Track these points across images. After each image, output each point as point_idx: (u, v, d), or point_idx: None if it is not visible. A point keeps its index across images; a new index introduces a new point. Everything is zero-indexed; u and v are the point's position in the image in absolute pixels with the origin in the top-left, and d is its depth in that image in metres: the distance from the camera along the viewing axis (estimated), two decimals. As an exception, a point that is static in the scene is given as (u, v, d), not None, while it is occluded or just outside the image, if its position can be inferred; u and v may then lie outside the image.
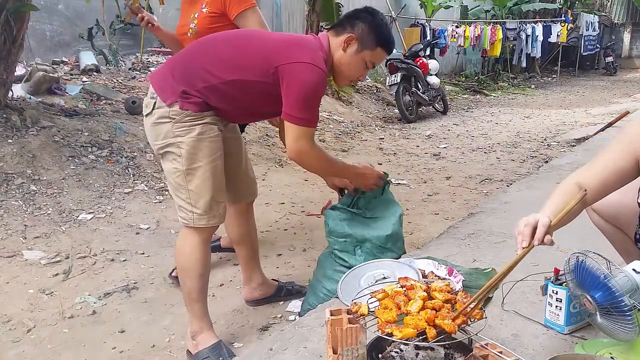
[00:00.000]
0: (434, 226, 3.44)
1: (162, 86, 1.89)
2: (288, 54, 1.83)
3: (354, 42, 1.94)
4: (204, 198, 1.91)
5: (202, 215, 1.92)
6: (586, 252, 1.44)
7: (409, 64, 7.92)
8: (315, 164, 2.02)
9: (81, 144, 4.26)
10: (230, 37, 1.99)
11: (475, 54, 13.16)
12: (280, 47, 1.87)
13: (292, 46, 1.87)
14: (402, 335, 1.30)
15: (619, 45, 19.24)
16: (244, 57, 1.87)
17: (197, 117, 1.87)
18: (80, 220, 3.35)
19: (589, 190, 1.50)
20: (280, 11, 9.70)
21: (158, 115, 1.88)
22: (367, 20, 1.96)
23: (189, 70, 1.88)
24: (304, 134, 1.88)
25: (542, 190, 3.55)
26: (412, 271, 1.90)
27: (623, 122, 6.29)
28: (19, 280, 2.63)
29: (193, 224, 1.93)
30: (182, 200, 1.93)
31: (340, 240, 2.18)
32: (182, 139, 1.86)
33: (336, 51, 1.96)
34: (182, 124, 1.86)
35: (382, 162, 5.49)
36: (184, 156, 1.87)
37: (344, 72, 2.00)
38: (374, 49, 1.97)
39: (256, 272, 2.44)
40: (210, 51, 1.92)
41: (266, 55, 1.85)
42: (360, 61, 1.98)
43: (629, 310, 1.34)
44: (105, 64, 6.80)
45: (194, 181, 1.90)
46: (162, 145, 1.91)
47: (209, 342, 1.99)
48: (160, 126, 1.89)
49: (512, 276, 2.09)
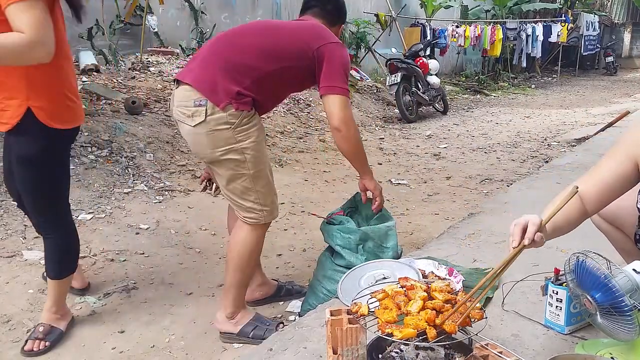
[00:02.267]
0: (434, 226, 3.44)
1: (213, 89, 1.87)
2: (323, 36, 2.03)
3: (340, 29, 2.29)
4: (271, 196, 2.05)
5: (270, 212, 2.05)
6: (586, 252, 1.44)
7: (409, 64, 7.92)
8: (357, 134, 2.12)
9: (81, 143, 4.25)
10: (257, 30, 2.08)
11: (475, 53, 13.16)
12: (312, 31, 2.05)
13: (322, 30, 2.07)
14: (402, 336, 1.30)
15: (619, 45, 19.24)
16: (280, 45, 1.99)
17: (251, 117, 1.93)
18: (80, 220, 3.35)
19: (590, 198, 1.49)
20: (280, 11, 9.71)
21: (214, 122, 1.87)
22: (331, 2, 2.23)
23: (236, 69, 1.91)
24: (348, 103, 2.04)
25: (543, 190, 3.55)
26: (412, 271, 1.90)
27: (623, 122, 6.29)
28: (19, 280, 2.62)
29: (264, 221, 2.05)
30: (251, 202, 2.00)
31: (345, 236, 2.19)
32: (244, 144, 1.92)
33: None
34: (242, 128, 1.90)
35: (382, 162, 5.49)
36: (249, 161, 1.93)
37: None
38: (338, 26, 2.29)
39: (257, 272, 2.44)
40: (246, 47, 1.97)
41: (304, 39, 2.01)
42: None
43: (629, 311, 1.34)
44: (105, 64, 6.79)
45: (260, 182, 1.99)
46: (222, 152, 1.91)
47: (249, 316, 2.14)
48: (218, 133, 1.89)
49: (512, 276, 2.10)
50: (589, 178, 1.53)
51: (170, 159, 4.47)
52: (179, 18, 8.17)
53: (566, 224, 1.49)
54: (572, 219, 1.49)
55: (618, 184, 1.50)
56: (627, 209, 1.65)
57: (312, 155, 5.51)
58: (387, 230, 2.25)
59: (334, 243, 2.23)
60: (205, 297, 2.55)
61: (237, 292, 2.12)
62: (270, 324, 2.14)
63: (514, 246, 1.36)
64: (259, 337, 2.04)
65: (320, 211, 3.78)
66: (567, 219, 1.48)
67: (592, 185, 1.51)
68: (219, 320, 2.15)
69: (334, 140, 2.14)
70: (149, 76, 6.64)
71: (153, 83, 6.40)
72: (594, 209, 1.53)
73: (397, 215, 3.58)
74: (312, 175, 4.74)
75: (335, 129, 2.04)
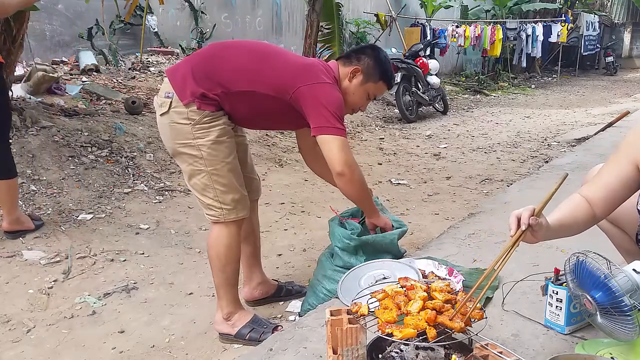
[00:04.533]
0: (434, 226, 3.44)
1: (182, 86, 1.93)
2: (309, 75, 1.96)
3: (360, 74, 2.11)
4: (231, 194, 2.01)
5: (231, 210, 2.02)
6: (586, 252, 1.44)
7: (409, 64, 7.92)
8: (361, 176, 2.06)
9: (81, 143, 4.25)
10: (256, 48, 2.05)
11: (475, 53, 13.16)
12: (301, 68, 1.98)
13: (312, 68, 2.00)
14: (402, 336, 1.30)
15: (619, 45, 19.24)
16: (266, 71, 1.96)
17: (214, 117, 1.94)
18: (80, 220, 3.35)
19: (598, 203, 1.49)
20: (280, 11, 9.71)
21: (176, 115, 1.94)
22: (372, 56, 2.12)
23: (210, 75, 1.94)
24: (346, 144, 1.96)
25: (543, 190, 3.55)
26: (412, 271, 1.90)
27: (623, 122, 6.29)
28: (18, 280, 2.62)
29: (224, 220, 2.03)
30: (210, 199, 2.00)
31: (345, 241, 2.19)
32: (202, 141, 1.94)
33: (343, 81, 2.11)
34: (201, 125, 1.93)
35: (382, 162, 5.49)
36: (205, 158, 1.95)
37: (348, 100, 2.11)
38: (377, 82, 2.14)
39: (257, 271, 2.44)
40: (233, 59, 1.98)
41: (288, 74, 1.96)
42: (363, 92, 2.14)
43: (629, 311, 1.34)
44: (105, 64, 6.80)
45: (220, 180, 1.98)
46: (180, 145, 1.97)
47: (246, 318, 2.12)
48: (179, 126, 1.95)
49: (513, 276, 2.10)
50: (595, 183, 1.54)
51: (170, 159, 4.47)
52: (179, 18, 8.17)
53: (574, 223, 1.49)
54: (579, 220, 1.49)
55: (622, 188, 1.50)
56: (629, 208, 1.65)
57: (312, 155, 5.50)
58: (391, 240, 2.24)
59: (333, 244, 2.24)
60: (205, 297, 2.55)
61: (226, 292, 2.11)
62: (268, 326, 2.13)
63: (512, 234, 1.39)
64: (255, 340, 2.04)
65: (320, 211, 3.79)
66: (574, 217, 1.48)
67: (597, 190, 1.51)
68: (217, 321, 2.15)
69: (337, 185, 2.04)
70: (149, 76, 6.64)
71: (153, 83, 6.40)
72: (602, 214, 1.53)
73: (397, 215, 3.57)
74: (312, 175, 4.72)
75: (338, 174, 1.96)
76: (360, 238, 2.18)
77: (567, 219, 1.47)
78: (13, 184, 2.98)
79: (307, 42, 7.45)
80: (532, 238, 1.41)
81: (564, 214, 1.48)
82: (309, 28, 7.43)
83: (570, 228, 1.49)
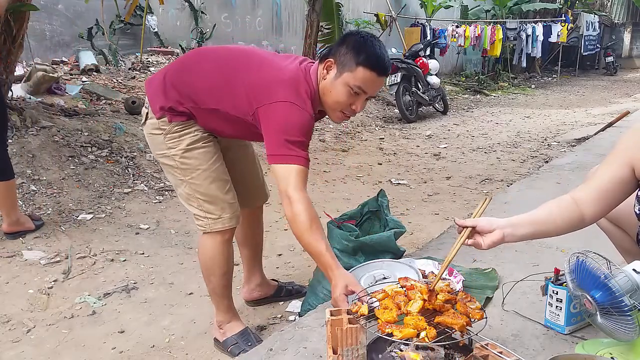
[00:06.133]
0: (434, 226, 3.44)
1: (154, 99, 1.90)
2: (269, 94, 1.73)
3: (333, 66, 1.77)
4: (214, 203, 1.92)
5: (216, 220, 1.93)
6: (586, 252, 1.44)
7: (409, 64, 7.92)
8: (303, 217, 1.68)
9: (81, 143, 4.26)
10: (229, 61, 1.88)
11: (475, 53, 13.16)
12: (263, 85, 1.76)
13: (273, 85, 1.75)
14: (402, 335, 1.30)
15: (619, 45, 19.24)
16: (229, 90, 1.82)
17: (185, 125, 1.88)
18: (80, 220, 3.35)
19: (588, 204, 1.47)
20: (280, 11, 9.71)
21: (150, 125, 1.92)
22: (348, 42, 1.76)
23: (179, 88, 1.86)
24: (295, 173, 1.68)
25: (543, 190, 3.55)
26: (412, 271, 1.90)
27: (623, 122, 6.29)
28: (19, 280, 2.62)
29: (210, 229, 1.94)
30: (195, 208, 1.94)
31: (344, 242, 2.19)
32: (174, 151, 1.89)
33: (320, 82, 1.81)
34: (172, 135, 1.89)
35: (382, 162, 5.49)
36: (180, 167, 1.90)
37: (328, 101, 1.81)
38: (353, 69, 1.73)
39: (256, 272, 2.44)
40: (203, 73, 1.86)
41: (248, 93, 1.77)
42: (342, 86, 1.75)
43: (629, 311, 1.34)
44: (105, 64, 6.80)
45: (200, 189, 1.91)
46: (158, 155, 1.96)
47: (236, 329, 2.08)
48: (154, 137, 1.93)
49: (513, 276, 2.10)
50: (588, 184, 1.52)
51: (170, 159, 4.46)
52: (179, 18, 8.18)
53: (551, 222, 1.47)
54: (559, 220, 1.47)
55: (616, 190, 1.48)
56: (629, 208, 1.65)
57: (312, 155, 5.50)
58: (388, 237, 2.23)
59: (332, 246, 2.23)
60: (206, 297, 2.54)
61: (216, 300, 2.08)
62: (253, 344, 1.98)
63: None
64: (234, 354, 2.01)
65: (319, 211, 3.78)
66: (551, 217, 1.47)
67: (590, 191, 1.49)
68: (214, 325, 2.15)
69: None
70: (149, 76, 6.64)
71: (153, 83, 6.40)
72: (593, 215, 1.50)
73: (397, 215, 3.57)
74: (312, 175, 4.73)
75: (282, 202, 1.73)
76: (358, 239, 2.18)
77: (541, 218, 1.47)
78: (11, 185, 2.99)
79: (307, 42, 7.45)
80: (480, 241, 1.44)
81: (538, 213, 1.48)
82: (309, 28, 7.43)
83: (546, 230, 1.48)
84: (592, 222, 1.54)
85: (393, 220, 2.36)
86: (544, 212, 1.48)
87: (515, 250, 2.41)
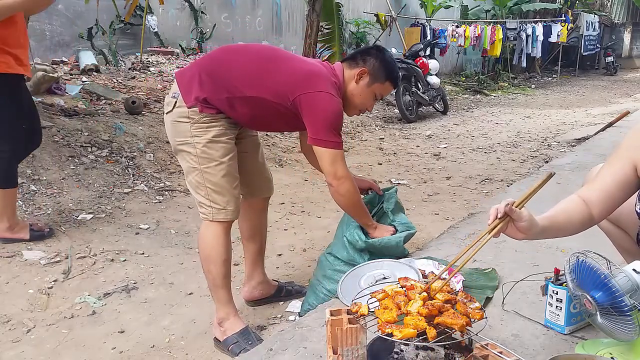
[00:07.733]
0: (434, 226, 3.44)
1: (187, 89, 2.01)
2: (310, 83, 1.98)
3: (366, 75, 2.13)
4: (221, 194, 2.04)
5: (220, 210, 2.05)
6: (586, 252, 1.44)
7: (409, 64, 7.92)
8: (349, 191, 2.08)
9: (81, 143, 4.26)
10: (262, 54, 2.09)
11: (475, 53, 13.17)
12: (302, 75, 2.00)
13: (313, 76, 2.01)
14: (402, 336, 1.30)
15: (619, 45, 19.25)
16: (269, 78, 2.00)
17: (214, 118, 2.00)
18: (80, 220, 3.35)
19: (595, 204, 1.48)
20: (280, 11, 9.71)
21: (178, 114, 2.02)
22: (378, 57, 2.15)
23: (216, 81, 2.00)
24: (339, 157, 2.02)
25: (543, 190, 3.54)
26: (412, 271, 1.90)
27: (623, 122, 6.30)
28: (19, 280, 2.62)
29: (212, 218, 2.06)
30: (202, 196, 2.05)
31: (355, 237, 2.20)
32: (199, 139, 2.00)
33: (349, 83, 2.14)
34: (200, 125, 2.00)
35: (382, 162, 5.49)
36: (199, 156, 2.01)
37: (355, 102, 2.17)
38: (383, 82, 2.16)
39: (258, 270, 2.45)
40: (239, 64, 2.03)
41: (290, 81, 1.99)
42: (370, 93, 2.17)
43: (629, 311, 1.34)
44: (105, 64, 6.80)
45: (211, 179, 2.02)
46: (180, 143, 2.04)
47: (237, 328, 2.10)
48: (179, 124, 2.02)
49: (513, 276, 2.10)
50: (593, 184, 1.53)
51: (170, 159, 4.47)
52: (179, 18, 8.18)
53: (567, 222, 1.48)
54: (574, 219, 1.48)
55: (620, 190, 1.49)
56: (629, 208, 1.65)
57: (312, 155, 5.51)
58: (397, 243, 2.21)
59: (343, 232, 2.27)
60: (205, 297, 2.54)
61: (215, 294, 2.12)
62: (253, 343, 2.03)
63: (489, 223, 1.41)
64: (234, 353, 2.02)
65: (320, 211, 3.79)
66: (568, 217, 1.48)
67: (595, 191, 1.50)
68: (214, 324, 2.16)
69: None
70: (148, 76, 6.64)
71: (153, 83, 6.41)
72: (600, 215, 1.52)
73: (397, 215, 3.57)
74: (312, 175, 4.74)
75: (328, 184, 2.08)
76: (368, 241, 2.18)
77: (559, 217, 1.47)
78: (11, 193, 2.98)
79: (307, 42, 7.46)
80: (515, 232, 1.40)
81: (556, 213, 1.48)
82: (309, 28, 7.44)
83: (564, 227, 1.48)
84: (599, 222, 1.57)
85: (404, 223, 2.34)
86: (562, 213, 1.48)
87: (515, 250, 2.41)
